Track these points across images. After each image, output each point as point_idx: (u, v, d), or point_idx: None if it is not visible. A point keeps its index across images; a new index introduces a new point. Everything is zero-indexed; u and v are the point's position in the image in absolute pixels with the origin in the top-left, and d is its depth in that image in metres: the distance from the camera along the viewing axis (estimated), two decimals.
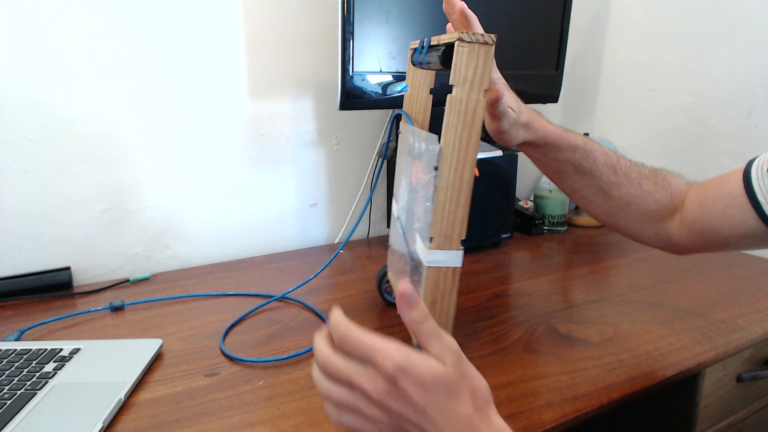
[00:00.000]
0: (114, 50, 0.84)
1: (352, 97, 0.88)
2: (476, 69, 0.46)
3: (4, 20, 0.76)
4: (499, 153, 0.99)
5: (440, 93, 0.95)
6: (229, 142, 0.97)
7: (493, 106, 0.56)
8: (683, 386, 0.66)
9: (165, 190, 0.93)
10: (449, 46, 0.48)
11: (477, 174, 0.49)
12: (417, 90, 0.65)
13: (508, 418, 0.50)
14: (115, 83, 0.85)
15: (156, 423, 0.50)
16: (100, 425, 0.48)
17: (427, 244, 0.50)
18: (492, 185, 0.98)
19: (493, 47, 0.46)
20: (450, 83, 0.46)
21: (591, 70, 1.30)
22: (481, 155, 0.96)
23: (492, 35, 0.46)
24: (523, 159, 1.31)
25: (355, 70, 0.86)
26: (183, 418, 0.51)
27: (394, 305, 0.76)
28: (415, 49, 0.61)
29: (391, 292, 0.77)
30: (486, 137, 1.02)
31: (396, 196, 0.70)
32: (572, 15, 1.09)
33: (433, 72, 0.63)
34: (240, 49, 0.94)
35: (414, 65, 0.63)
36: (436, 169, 0.48)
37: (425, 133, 0.53)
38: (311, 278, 0.79)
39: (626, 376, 0.58)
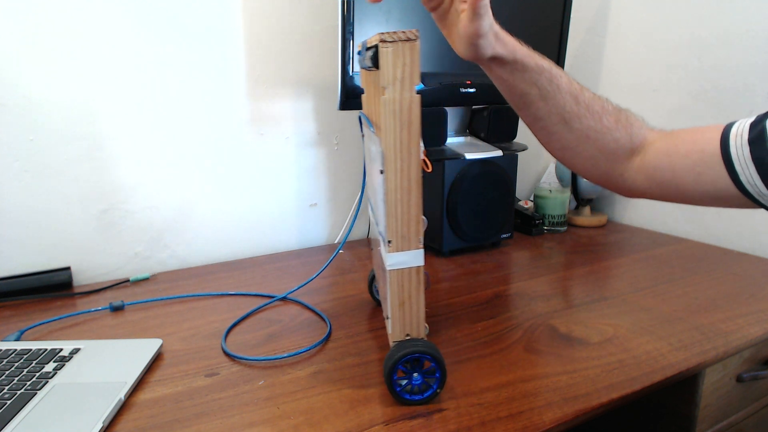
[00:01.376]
0: (114, 50, 0.84)
1: (352, 97, 0.88)
2: (404, 67, 0.46)
3: (4, 20, 0.76)
4: (499, 153, 0.99)
5: (441, 93, 0.95)
6: (229, 142, 0.97)
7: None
8: (683, 386, 0.66)
9: (165, 190, 0.93)
10: (376, 48, 0.47)
11: (429, 169, 0.49)
12: (372, 92, 0.65)
13: (508, 418, 0.50)
14: (115, 83, 0.85)
15: (156, 423, 0.50)
16: (100, 425, 0.48)
17: (387, 247, 0.50)
18: (492, 185, 0.98)
19: (418, 42, 0.45)
20: (381, 85, 0.46)
21: (591, 69, 1.30)
22: (481, 155, 0.96)
23: (414, 31, 0.46)
24: (523, 159, 1.31)
25: (355, 70, 0.86)
26: (183, 418, 0.51)
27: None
28: (358, 52, 0.61)
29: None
30: (486, 137, 1.03)
31: (370, 199, 0.71)
32: (572, 14, 1.09)
33: (378, 73, 0.62)
34: (240, 49, 0.94)
35: (362, 68, 0.63)
36: (382, 172, 0.48)
37: (374, 136, 0.53)
38: (313, 278, 0.80)
39: (626, 376, 0.58)
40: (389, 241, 0.49)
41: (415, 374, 0.52)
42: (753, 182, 0.52)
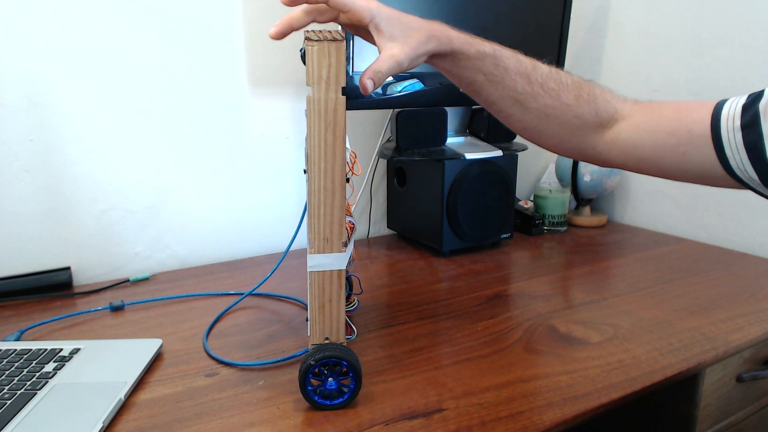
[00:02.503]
0: (114, 50, 0.84)
1: (352, 97, 0.88)
2: (330, 67, 0.45)
3: (4, 20, 0.76)
4: (499, 153, 0.99)
5: (441, 93, 0.95)
6: (229, 141, 0.97)
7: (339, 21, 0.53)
8: (683, 386, 0.66)
9: (165, 189, 0.93)
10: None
11: (357, 173, 0.49)
12: None
13: (508, 418, 0.50)
14: (115, 83, 0.85)
15: (156, 423, 0.50)
16: (100, 425, 0.48)
17: (309, 249, 0.49)
18: (492, 185, 0.98)
19: (344, 42, 0.45)
20: (306, 84, 0.46)
21: (591, 69, 1.30)
22: (481, 155, 0.96)
23: (341, 31, 0.45)
24: (522, 159, 1.31)
25: (355, 70, 0.86)
26: (183, 418, 0.51)
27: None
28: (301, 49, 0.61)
29: None
30: (486, 137, 1.03)
31: None
32: (572, 14, 1.09)
33: None
34: (240, 48, 0.94)
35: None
36: (305, 172, 0.48)
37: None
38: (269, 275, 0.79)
39: (626, 376, 0.58)
40: (311, 243, 0.49)
41: (330, 379, 0.51)
42: (743, 167, 0.51)
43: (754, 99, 0.51)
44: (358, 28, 0.57)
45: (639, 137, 0.57)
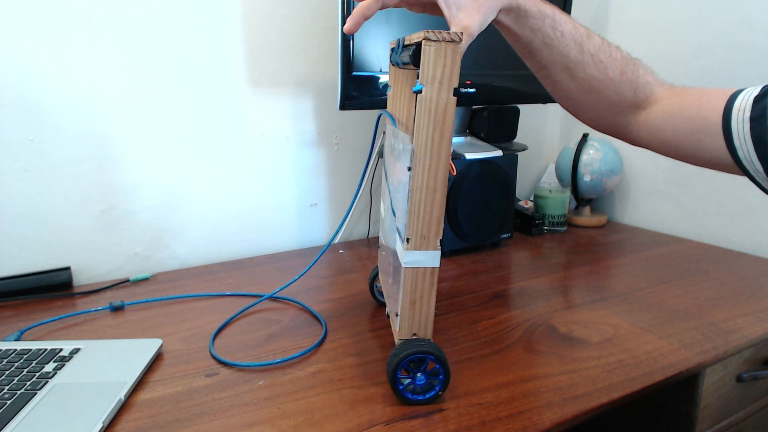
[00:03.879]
0: (113, 50, 0.84)
1: (352, 97, 0.88)
2: (444, 67, 0.46)
3: (4, 20, 0.76)
4: (499, 153, 0.99)
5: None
6: (229, 141, 0.97)
7: None
8: (683, 386, 0.66)
9: (165, 190, 0.93)
10: (418, 45, 0.47)
11: (454, 173, 0.50)
12: (399, 90, 0.65)
13: (508, 418, 0.50)
14: (115, 83, 0.85)
15: (156, 423, 0.50)
16: (100, 425, 0.48)
17: (405, 245, 0.50)
18: (492, 185, 0.98)
19: (461, 44, 0.46)
20: (419, 83, 0.46)
21: None
22: (481, 155, 0.96)
23: (459, 33, 0.46)
24: (522, 159, 1.31)
25: (355, 70, 0.86)
26: (183, 418, 0.51)
27: (385, 305, 0.76)
28: (392, 49, 0.61)
29: (382, 292, 0.77)
30: (486, 137, 1.03)
31: (383, 196, 0.71)
32: (572, 14, 1.08)
33: (414, 71, 0.63)
34: (240, 48, 0.94)
35: (393, 65, 0.63)
36: (409, 169, 0.48)
37: (402, 134, 0.53)
38: (298, 277, 0.80)
39: (626, 376, 0.58)
40: (408, 239, 0.50)
41: (419, 374, 0.52)
42: (749, 158, 0.52)
43: (766, 92, 0.51)
44: (425, 5, 0.57)
45: (663, 121, 0.58)
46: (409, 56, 0.50)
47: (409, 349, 0.51)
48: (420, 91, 0.46)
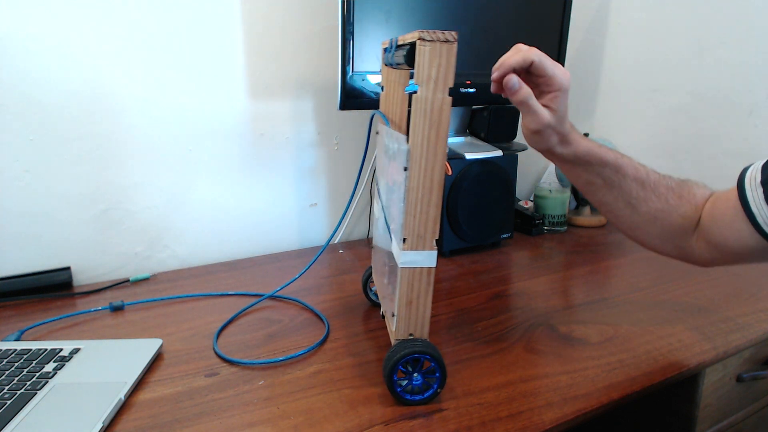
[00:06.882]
0: (113, 50, 0.84)
1: (352, 97, 0.88)
2: (439, 67, 0.46)
3: (4, 20, 0.76)
4: (499, 153, 0.99)
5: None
6: (229, 142, 0.97)
7: (515, 96, 0.55)
8: (683, 386, 0.66)
9: (165, 190, 0.93)
10: (413, 45, 0.47)
11: (449, 173, 0.50)
12: (392, 90, 0.65)
13: (508, 418, 0.50)
14: (115, 83, 0.85)
15: (156, 423, 0.50)
16: (100, 425, 0.48)
17: (401, 245, 0.50)
18: (492, 185, 0.98)
19: (455, 45, 0.46)
20: (414, 83, 0.46)
21: (591, 70, 1.30)
22: (481, 155, 0.96)
23: (453, 33, 0.46)
24: (522, 159, 1.31)
25: (355, 70, 0.86)
26: (183, 418, 0.51)
27: (379, 305, 0.76)
28: (385, 49, 0.61)
29: (377, 293, 0.76)
30: (486, 137, 1.03)
31: (378, 197, 0.71)
32: (572, 15, 1.09)
33: (407, 71, 0.63)
34: (239, 49, 0.94)
35: (385, 65, 0.63)
36: (406, 169, 0.48)
37: (397, 134, 0.53)
38: (297, 277, 0.79)
39: (626, 376, 0.58)
40: (404, 239, 0.50)
41: (416, 374, 0.52)
42: (767, 221, 0.53)
43: None
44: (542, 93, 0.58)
45: (708, 223, 0.59)
46: (403, 56, 0.50)
47: (403, 350, 0.51)
48: (415, 92, 0.46)
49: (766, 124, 1.00)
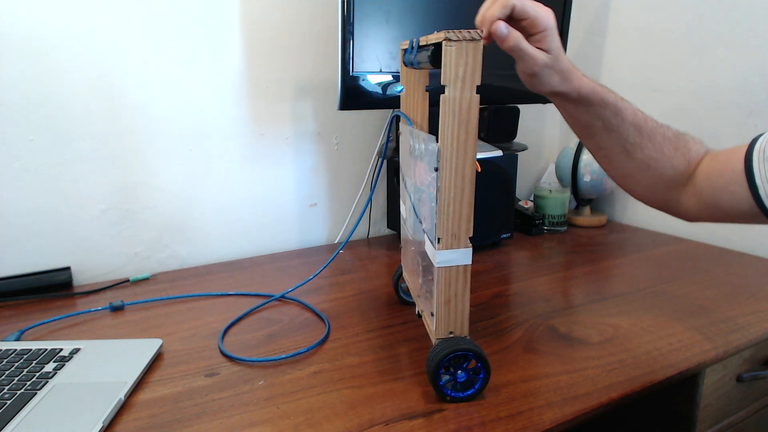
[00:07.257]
0: (113, 50, 0.84)
1: (352, 97, 0.88)
2: (466, 66, 0.46)
3: (4, 20, 0.76)
4: (499, 153, 0.99)
5: (438, 92, 0.95)
6: (229, 142, 0.97)
7: (503, 43, 0.54)
8: (683, 386, 0.66)
9: (165, 190, 0.93)
10: (438, 46, 0.48)
11: (479, 170, 0.50)
12: (412, 90, 0.65)
13: (508, 418, 0.50)
14: (115, 83, 0.85)
15: (156, 423, 0.50)
16: (100, 425, 0.48)
17: (436, 245, 0.50)
18: (492, 185, 0.98)
19: (481, 42, 0.46)
20: (441, 83, 0.46)
21: (591, 70, 1.30)
22: (481, 155, 0.96)
23: (478, 30, 0.46)
24: (522, 159, 1.31)
25: (355, 70, 0.86)
26: (183, 418, 0.51)
27: (410, 304, 0.76)
28: (405, 50, 0.61)
29: (407, 291, 0.77)
30: (486, 137, 1.03)
31: (403, 198, 0.71)
32: (572, 15, 1.08)
33: (426, 71, 0.63)
34: (239, 49, 0.94)
35: (406, 66, 0.63)
36: (436, 170, 0.49)
37: (423, 134, 0.54)
38: (311, 278, 0.79)
39: (626, 376, 0.58)
40: (439, 239, 0.50)
41: (460, 372, 0.53)
42: None
43: None
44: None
45: (703, 182, 0.59)
46: (427, 57, 0.50)
47: (449, 347, 0.51)
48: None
49: (766, 124, 1.00)
